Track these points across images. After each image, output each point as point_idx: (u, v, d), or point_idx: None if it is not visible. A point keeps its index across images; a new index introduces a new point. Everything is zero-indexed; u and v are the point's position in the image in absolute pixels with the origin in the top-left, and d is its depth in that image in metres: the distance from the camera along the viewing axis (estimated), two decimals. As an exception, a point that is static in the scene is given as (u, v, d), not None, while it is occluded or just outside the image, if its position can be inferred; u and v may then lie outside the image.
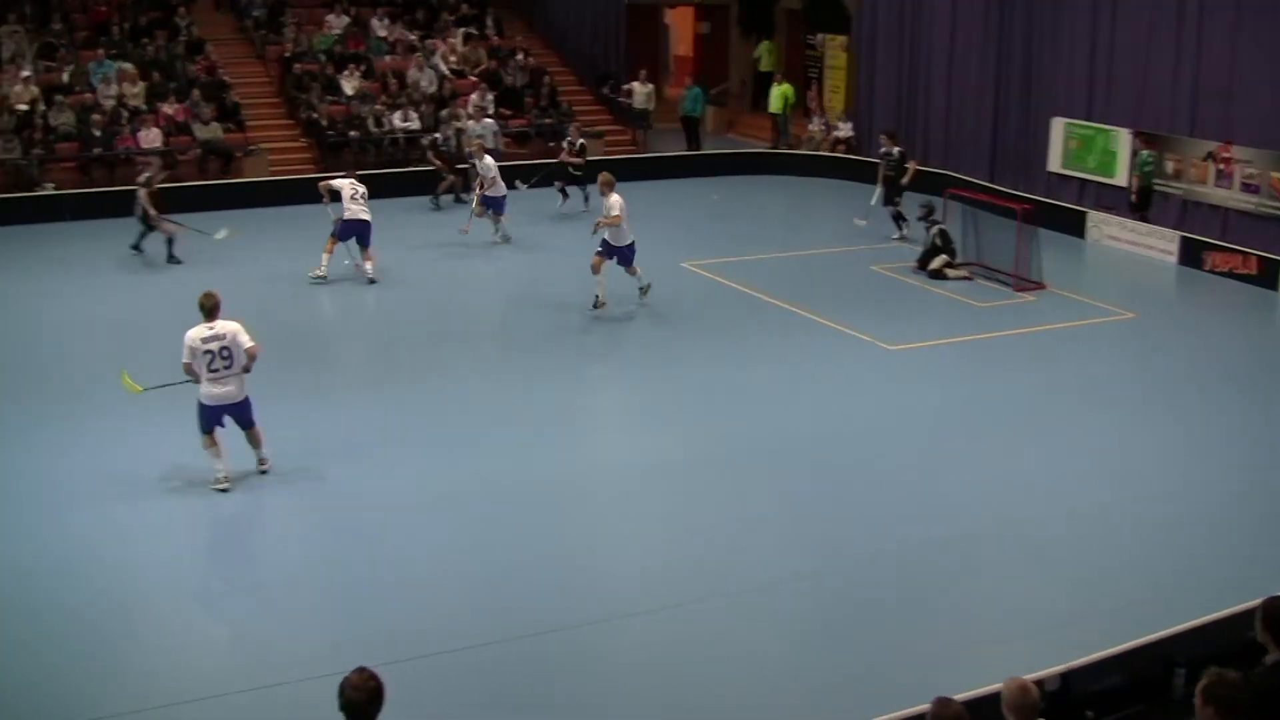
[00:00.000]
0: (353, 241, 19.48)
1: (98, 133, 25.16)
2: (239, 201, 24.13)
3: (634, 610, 10.22)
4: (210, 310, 11.67)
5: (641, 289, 18.44)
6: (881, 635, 9.91)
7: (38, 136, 24.94)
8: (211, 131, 25.91)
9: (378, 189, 20.94)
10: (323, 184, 19.88)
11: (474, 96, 28.32)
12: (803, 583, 10.64)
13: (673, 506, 12.25)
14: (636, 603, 10.34)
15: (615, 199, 17.72)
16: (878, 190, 22.39)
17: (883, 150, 22.56)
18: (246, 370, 11.83)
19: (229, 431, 12.13)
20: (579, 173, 24.43)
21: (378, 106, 27.46)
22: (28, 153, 24.59)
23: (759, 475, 12.86)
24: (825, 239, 22.31)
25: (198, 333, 11.57)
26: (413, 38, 30.25)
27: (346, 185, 19.38)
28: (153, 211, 20.19)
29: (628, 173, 27.77)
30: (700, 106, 30.98)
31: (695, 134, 30.75)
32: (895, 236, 22.30)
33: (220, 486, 11.90)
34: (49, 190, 24.36)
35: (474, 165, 22.36)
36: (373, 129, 27.13)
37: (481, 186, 21.78)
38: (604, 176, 18.15)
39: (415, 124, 27.43)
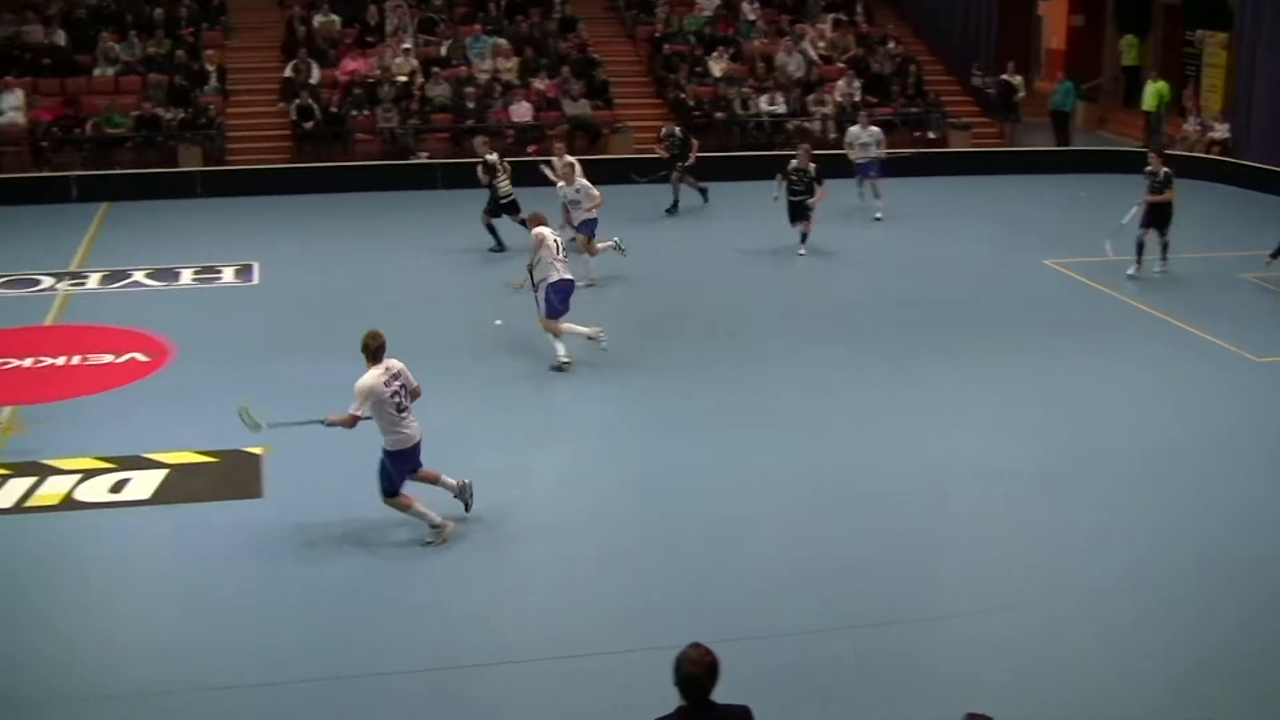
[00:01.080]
0: None
1: (471, 105, 25.79)
2: (605, 178, 24.19)
3: (974, 608, 9.74)
4: (378, 351, 10.14)
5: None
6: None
7: (414, 107, 25.74)
8: (580, 108, 26.14)
9: (741, 172, 20.57)
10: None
11: (841, 83, 27.65)
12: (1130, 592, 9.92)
13: (1021, 507, 11.50)
14: (975, 600, 9.85)
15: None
16: (1134, 209, 18.82)
17: (1149, 169, 18.99)
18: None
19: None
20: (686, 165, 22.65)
21: (744, 89, 27.13)
22: (405, 122, 25.35)
23: (1108, 479, 11.94)
24: (1194, 243, 20.55)
25: (377, 377, 9.99)
26: (783, 21, 29.80)
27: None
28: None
29: (995, 166, 26.75)
30: (1071, 101, 29.36)
31: (1065, 129, 29.15)
32: (1129, 272, 18.90)
33: (441, 538, 10.42)
34: (422, 159, 25.11)
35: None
36: (738, 111, 26.80)
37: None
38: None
39: (781, 108, 26.97)
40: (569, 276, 14.68)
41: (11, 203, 22.79)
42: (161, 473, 11.85)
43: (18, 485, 11.69)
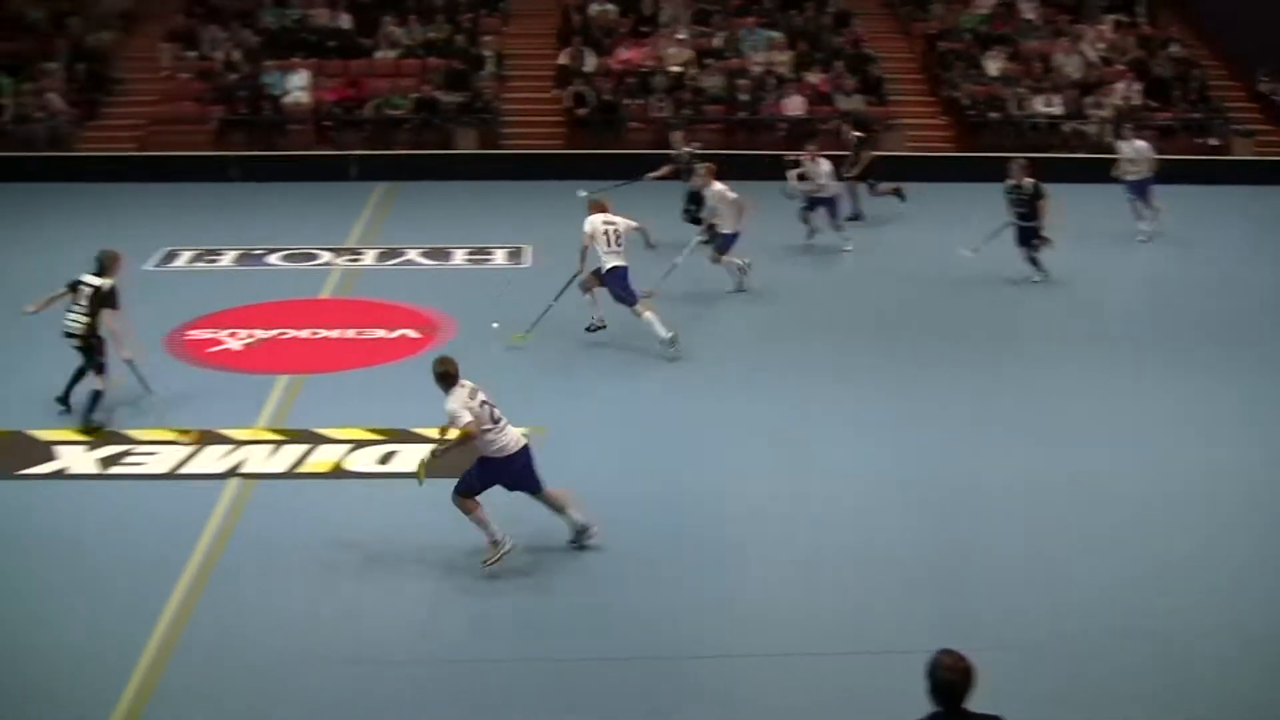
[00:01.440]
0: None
1: (744, 97, 25.72)
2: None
3: None
4: (454, 378, 9.94)
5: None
6: None
7: (687, 98, 25.80)
8: (853, 103, 25.76)
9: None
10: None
11: (1120, 86, 26.51)
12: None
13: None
14: None
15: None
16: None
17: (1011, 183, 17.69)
18: None
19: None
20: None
21: (1020, 89, 26.28)
22: (677, 112, 25.44)
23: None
24: None
25: (463, 397, 9.81)
26: (1061, 21, 28.75)
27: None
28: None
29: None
30: (1369, 110, 27.40)
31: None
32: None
33: (496, 557, 9.98)
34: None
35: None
36: (1014, 111, 25.98)
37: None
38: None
39: (1058, 109, 26.04)
40: (621, 264, 14.73)
41: (295, 179, 23.78)
42: (428, 447, 12.11)
43: (292, 451, 12.17)
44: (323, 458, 12.08)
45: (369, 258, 19.41)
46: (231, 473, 11.74)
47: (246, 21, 27.31)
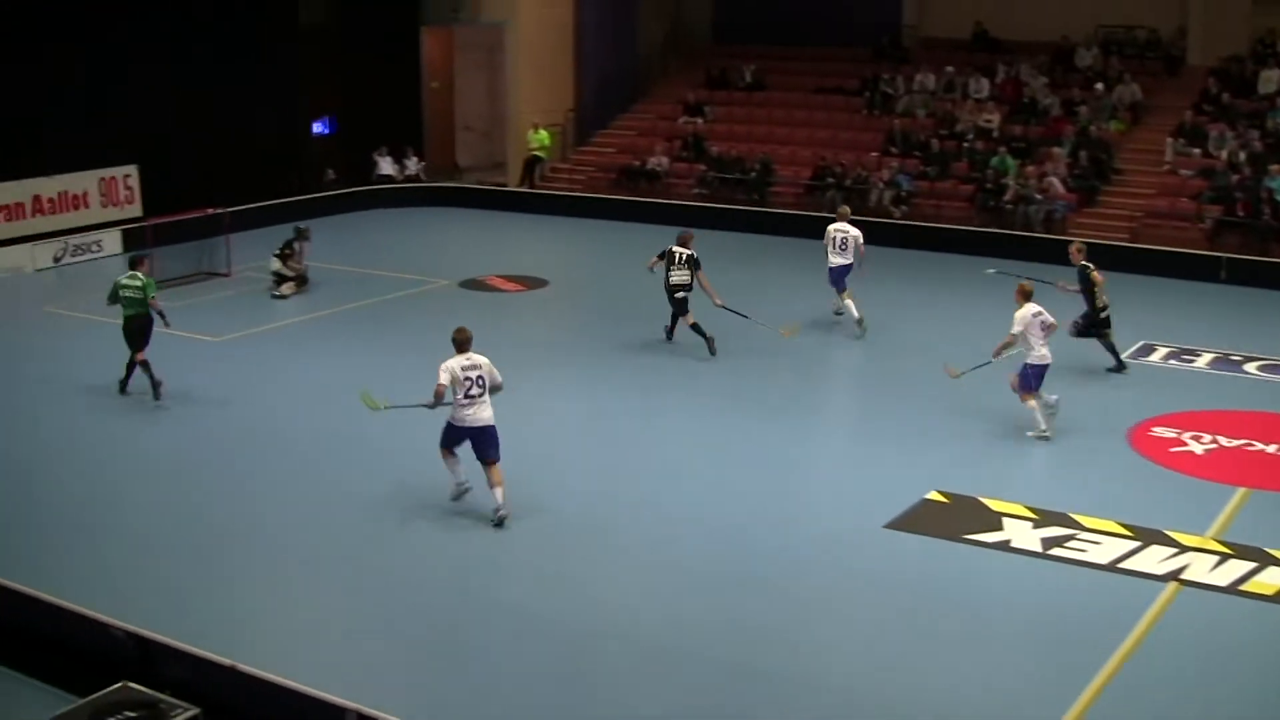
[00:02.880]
0: None
1: None
2: None
3: None
4: (463, 343, 12.50)
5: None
6: None
7: None
8: None
9: None
10: None
11: None
12: None
13: None
14: None
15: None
16: None
17: None
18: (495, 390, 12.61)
19: None
20: None
21: None
22: None
23: None
24: None
25: (456, 363, 12.40)
26: None
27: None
28: None
29: None
30: None
31: None
32: None
33: (460, 492, 12.90)
34: None
35: None
36: None
37: None
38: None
39: None
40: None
41: None
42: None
43: (1236, 567, 11.66)
44: (1268, 579, 11.42)
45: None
46: (1171, 577, 11.50)
47: (1254, 122, 26.53)
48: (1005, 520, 12.73)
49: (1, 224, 24.42)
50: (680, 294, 18.16)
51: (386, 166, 31.60)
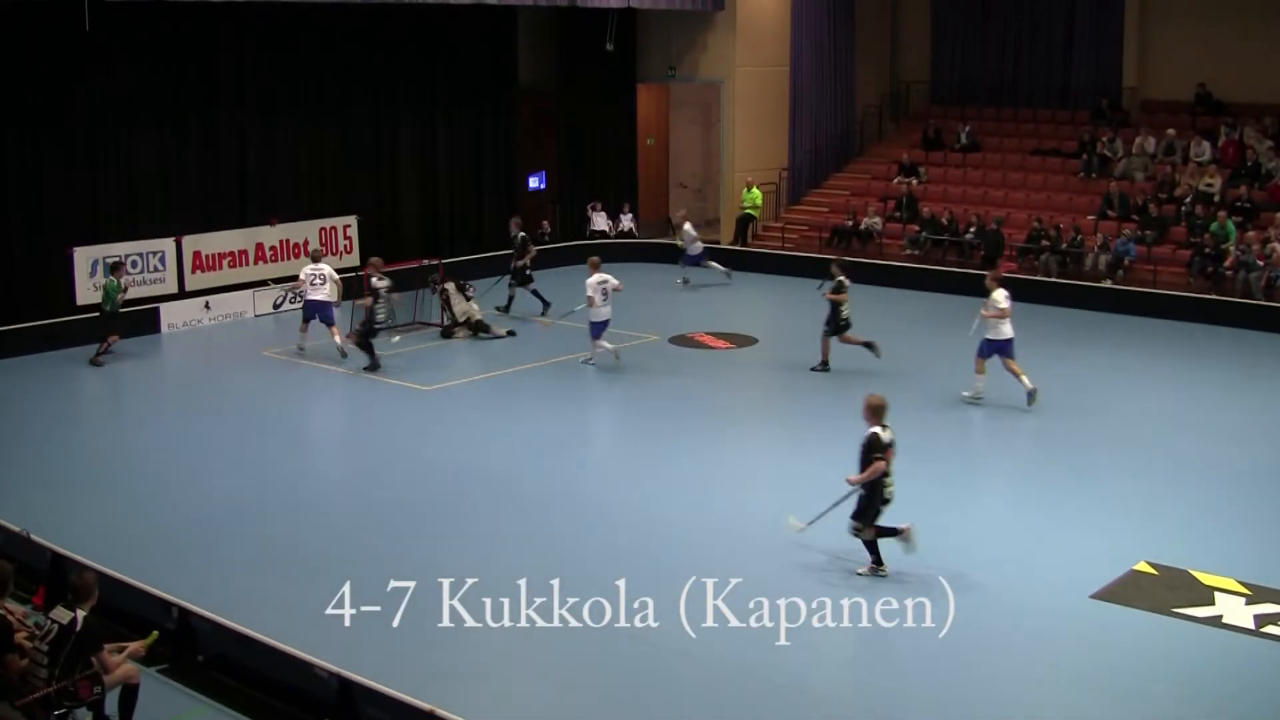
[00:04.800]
0: None
1: None
2: None
3: None
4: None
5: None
6: None
7: None
8: None
9: None
10: None
11: None
12: None
13: None
14: None
15: None
16: None
17: None
18: None
19: None
20: None
21: None
22: None
23: None
24: None
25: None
26: None
27: None
28: None
29: None
30: None
31: None
32: None
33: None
34: None
35: None
36: None
37: None
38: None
39: None
40: None
41: None
42: None
43: None
44: None
45: None
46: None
47: None
48: (1217, 595, 12.45)
49: (226, 270, 25.81)
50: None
51: (600, 222, 32.43)
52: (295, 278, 23.53)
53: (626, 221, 32.77)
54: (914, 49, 35.25)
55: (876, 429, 12.73)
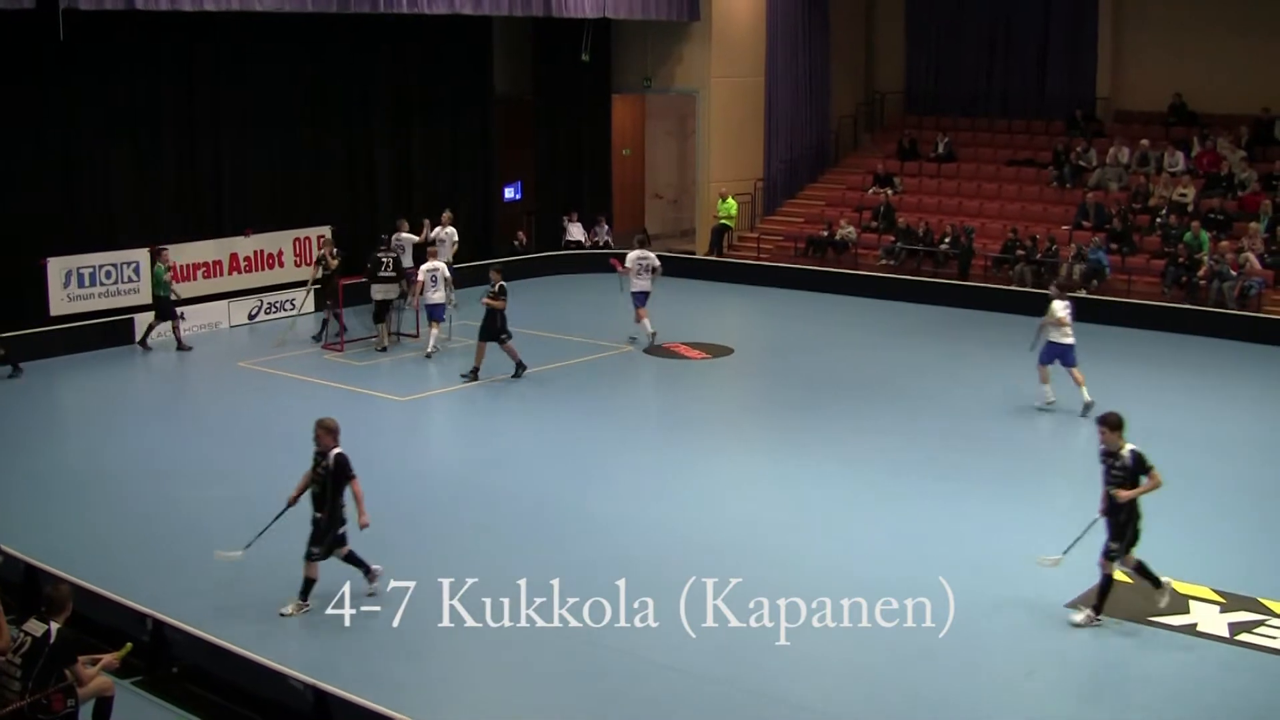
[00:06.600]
0: None
1: None
2: None
3: None
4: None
5: None
6: None
7: None
8: None
9: None
10: None
11: None
12: None
13: None
14: None
15: None
16: None
17: None
18: None
19: None
20: None
21: None
22: None
23: None
24: None
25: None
26: None
27: None
28: None
29: None
30: None
31: None
32: None
33: None
34: None
35: None
36: None
37: None
38: None
39: None
40: None
41: None
42: None
43: None
44: None
45: None
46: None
47: None
48: (1192, 603, 12.49)
49: (201, 281, 25.69)
50: None
51: (576, 232, 32.39)
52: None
53: (602, 233, 32.71)
54: (889, 59, 35.41)
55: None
